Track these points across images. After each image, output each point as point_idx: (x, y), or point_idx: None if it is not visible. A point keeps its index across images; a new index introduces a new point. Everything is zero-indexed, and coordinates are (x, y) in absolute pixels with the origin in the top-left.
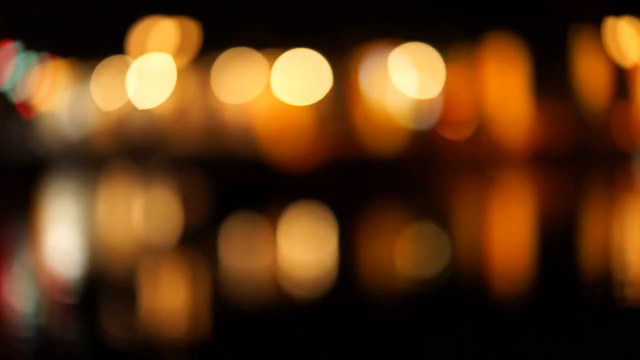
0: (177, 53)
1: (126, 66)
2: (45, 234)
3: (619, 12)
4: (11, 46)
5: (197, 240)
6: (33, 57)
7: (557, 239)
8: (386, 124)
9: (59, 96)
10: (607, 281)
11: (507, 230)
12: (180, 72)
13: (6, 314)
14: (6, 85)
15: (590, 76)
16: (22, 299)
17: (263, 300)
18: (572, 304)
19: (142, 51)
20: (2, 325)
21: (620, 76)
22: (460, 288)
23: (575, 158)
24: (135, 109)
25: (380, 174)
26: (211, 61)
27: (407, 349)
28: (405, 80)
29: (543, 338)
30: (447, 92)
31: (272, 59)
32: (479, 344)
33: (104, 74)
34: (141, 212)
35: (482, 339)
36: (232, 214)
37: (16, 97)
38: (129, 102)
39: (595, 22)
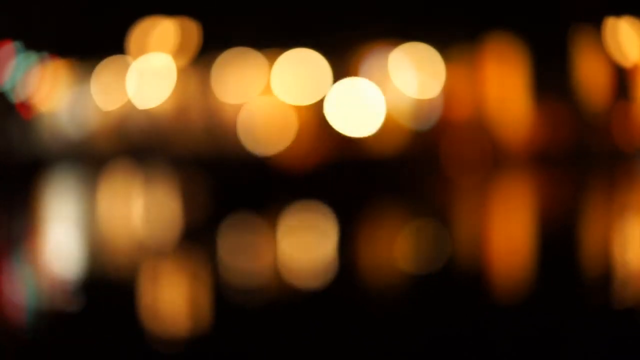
0: (177, 53)
1: (126, 66)
2: (45, 233)
3: (619, 12)
4: (11, 46)
5: (197, 240)
6: (33, 57)
7: (557, 238)
8: (386, 124)
9: (59, 96)
10: (606, 281)
11: (507, 229)
12: (180, 72)
13: (6, 314)
14: (6, 85)
15: (590, 76)
16: (22, 298)
17: (263, 299)
18: (572, 303)
19: (142, 51)
20: (3, 325)
21: (620, 76)
22: (460, 287)
23: (576, 158)
24: (135, 109)
25: (380, 174)
26: (211, 61)
27: (407, 347)
28: (405, 80)
29: (542, 337)
30: (447, 92)
31: (272, 59)
32: (478, 341)
33: (104, 74)
34: (141, 212)
35: (481, 336)
36: (232, 213)
37: (16, 97)
38: (129, 102)
39: (595, 22)
